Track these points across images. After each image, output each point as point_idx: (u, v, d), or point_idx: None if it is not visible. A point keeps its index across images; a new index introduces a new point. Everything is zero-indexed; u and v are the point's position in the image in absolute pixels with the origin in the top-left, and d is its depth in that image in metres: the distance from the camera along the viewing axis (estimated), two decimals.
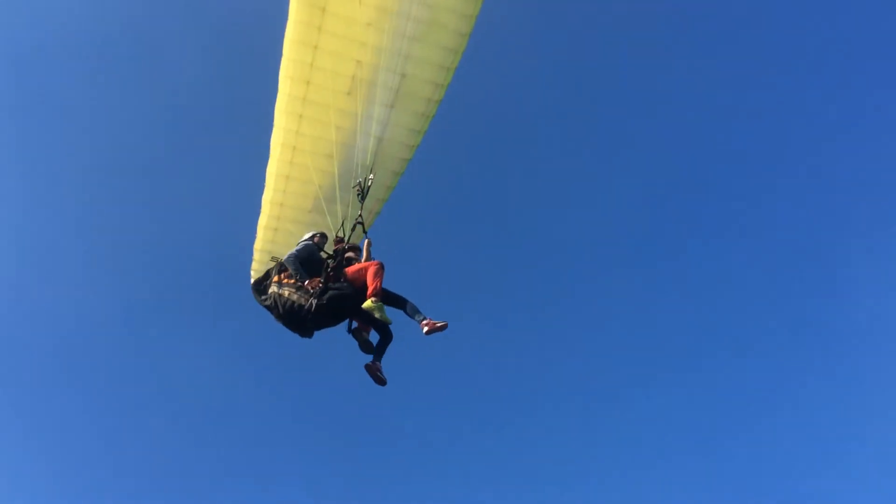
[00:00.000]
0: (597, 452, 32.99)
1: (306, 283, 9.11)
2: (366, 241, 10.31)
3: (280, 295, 9.10)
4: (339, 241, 10.29)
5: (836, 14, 32.61)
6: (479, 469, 32.89)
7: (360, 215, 10.28)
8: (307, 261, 9.61)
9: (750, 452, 32.02)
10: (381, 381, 9.29)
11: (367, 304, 8.79)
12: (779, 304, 34.41)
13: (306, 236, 10.24)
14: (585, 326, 36.09)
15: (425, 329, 8.67)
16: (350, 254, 9.83)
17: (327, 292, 8.95)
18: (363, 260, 9.92)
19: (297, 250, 9.72)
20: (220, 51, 32.74)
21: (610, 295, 36.13)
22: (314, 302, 8.85)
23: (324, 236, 10.40)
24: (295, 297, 8.98)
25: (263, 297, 9.40)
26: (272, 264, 10.93)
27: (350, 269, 9.38)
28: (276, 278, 9.32)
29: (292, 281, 9.15)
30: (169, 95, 31.90)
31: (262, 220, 10.95)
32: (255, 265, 11.12)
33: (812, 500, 30.84)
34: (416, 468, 33.26)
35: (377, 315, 8.75)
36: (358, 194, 10.26)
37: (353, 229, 10.20)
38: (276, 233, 10.98)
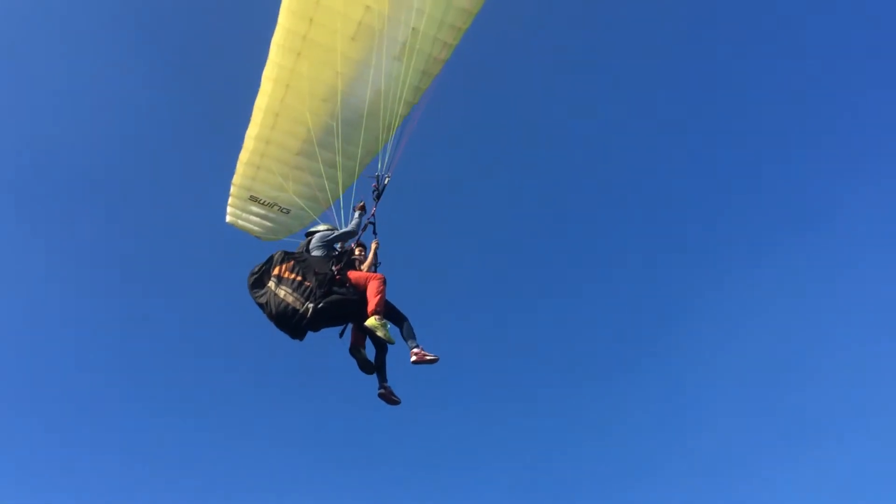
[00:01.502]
0: None
1: (312, 275, 8.62)
2: (374, 241, 9.85)
3: (275, 294, 8.54)
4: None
5: None
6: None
7: (373, 214, 9.88)
8: (327, 247, 9.27)
9: None
10: (395, 403, 9.07)
11: (372, 322, 8.39)
12: None
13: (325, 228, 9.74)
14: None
15: (413, 358, 8.43)
16: (357, 251, 9.49)
17: (329, 296, 8.49)
18: (368, 260, 9.57)
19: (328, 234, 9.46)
20: None
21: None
22: (310, 307, 8.37)
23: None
24: (290, 298, 8.45)
25: (259, 293, 8.76)
26: (251, 204, 10.76)
27: (353, 274, 8.93)
28: (276, 271, 8.75)
29: (292, 276, 8.60)
30: None
31: (244, 156, 10.52)
32: (232, 200, 10.82)
33: None
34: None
35: (380, 334, 8.38)
36: (373, 191, 9.86)
37: (364, 228, 9.80)
38: (258, 170, 10.58)
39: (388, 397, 9.04)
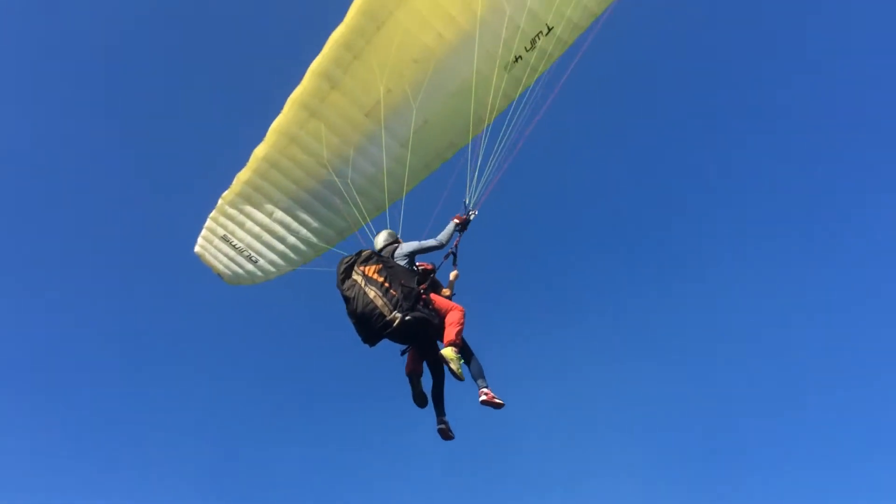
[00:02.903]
0: None
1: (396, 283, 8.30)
2: (453, 272, 9.66)
3: (364, 293, 8.21)
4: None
5: None
6: None
7: (456, 245, 9.55)
8: (411, 260, 9.04)
9: None
10: (451, 439, 8.71)
11: (449, 352, 8.10)
12: None
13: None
14: None
15: (483, 398, 8.15)
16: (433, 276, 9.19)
17: (415, 311, 8.21)
18: (448, 289, 9.39)
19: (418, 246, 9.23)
20: None
21: None
22: (399, 317, 8.07)
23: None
24: (380, 302, 8.12)
25: (346, 285, 8.44)
26: (222, 243, 10.62)
27: (436, 298, 8.73)
28: (362, 268, 8.45)
29: (380, 279, 8.28)
30: None
31: (228, 196, 10.49)
32: (205, 233, 10.69)
33: None
34: None
35: (453, 367, 8.03)
36: (456, 226, 9.50)
37: (446, 258, 9.59)
38: (238, 213, 10.54)
39: (446, 433, 8.68)
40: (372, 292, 8.20)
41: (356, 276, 8.40)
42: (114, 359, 33.13)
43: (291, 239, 10.64)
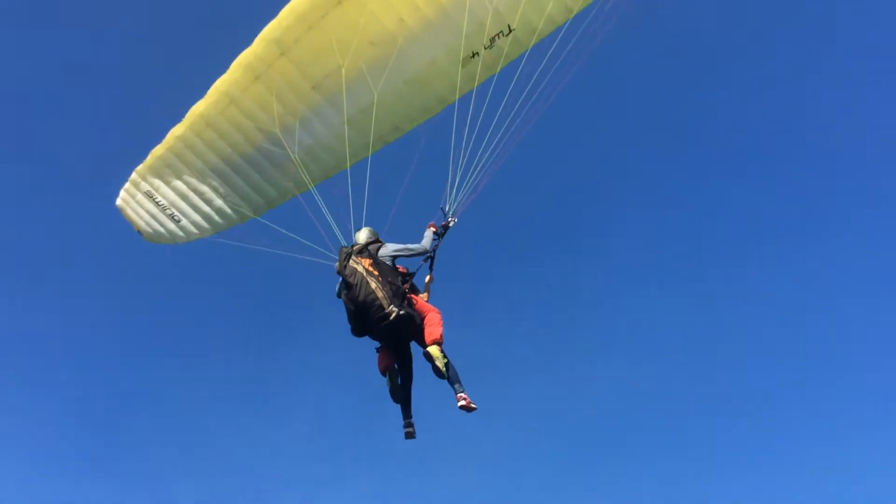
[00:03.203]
0: None
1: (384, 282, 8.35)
2: (428, 276, 9.64)
3: (367, 282, 8.29)
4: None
5: None
6: None
7: (434, 249, 9.51)
8: (394, 260, 9.00)
9: None
10: (413, 438, 8.86)
11: (434, 351, 8.21)
12: None
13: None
14: None
15: (461, 403, 8.27)
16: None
17: (405, 307, 8.31)
18: (425, 294, 9.37)
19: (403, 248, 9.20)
20: None
21: None
22: (396, 311, 8.17)
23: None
24: (380, 293, 8.23)
25: (347, 271, 8.49)
26: (145, 199, 10.21)
27: (416, 298, 8.80)
28: (360, 259, 8.53)
29: (375, 273, 8.38)
30: None
31: (159, 150, 10.05)
32: (128, 186, 10.29)
33: None
34: None
35: (439, 364, 8.16)
36: (435, 233, 9.53)
37: (424, 261, 9.54)
38: (166, 168, 10.13)
39: (412, 435, 8.88)
40: (373, 283, 8.33)
41: (355, 265, 8.52)
42: None
43: (218, 202, 10.37)
